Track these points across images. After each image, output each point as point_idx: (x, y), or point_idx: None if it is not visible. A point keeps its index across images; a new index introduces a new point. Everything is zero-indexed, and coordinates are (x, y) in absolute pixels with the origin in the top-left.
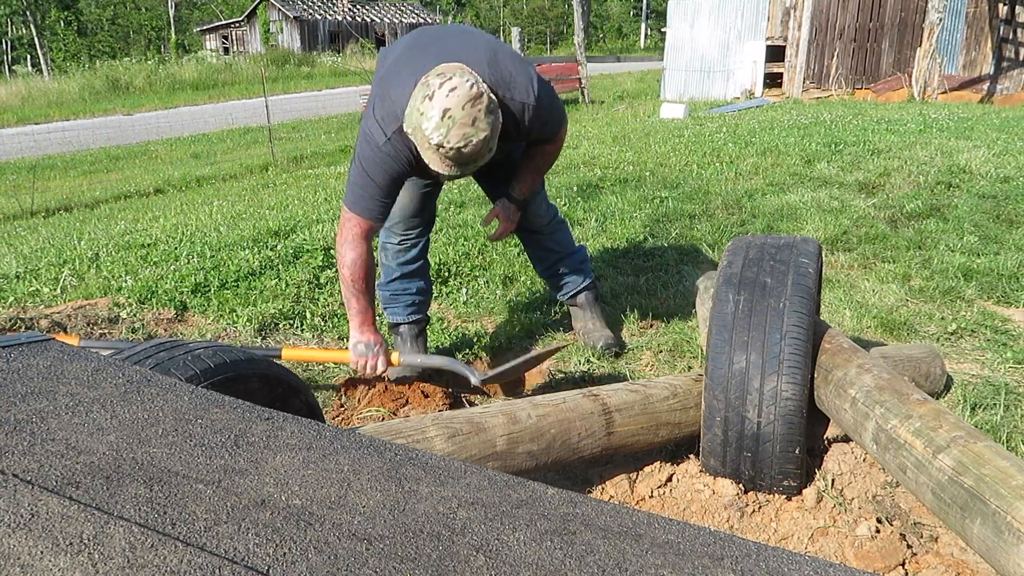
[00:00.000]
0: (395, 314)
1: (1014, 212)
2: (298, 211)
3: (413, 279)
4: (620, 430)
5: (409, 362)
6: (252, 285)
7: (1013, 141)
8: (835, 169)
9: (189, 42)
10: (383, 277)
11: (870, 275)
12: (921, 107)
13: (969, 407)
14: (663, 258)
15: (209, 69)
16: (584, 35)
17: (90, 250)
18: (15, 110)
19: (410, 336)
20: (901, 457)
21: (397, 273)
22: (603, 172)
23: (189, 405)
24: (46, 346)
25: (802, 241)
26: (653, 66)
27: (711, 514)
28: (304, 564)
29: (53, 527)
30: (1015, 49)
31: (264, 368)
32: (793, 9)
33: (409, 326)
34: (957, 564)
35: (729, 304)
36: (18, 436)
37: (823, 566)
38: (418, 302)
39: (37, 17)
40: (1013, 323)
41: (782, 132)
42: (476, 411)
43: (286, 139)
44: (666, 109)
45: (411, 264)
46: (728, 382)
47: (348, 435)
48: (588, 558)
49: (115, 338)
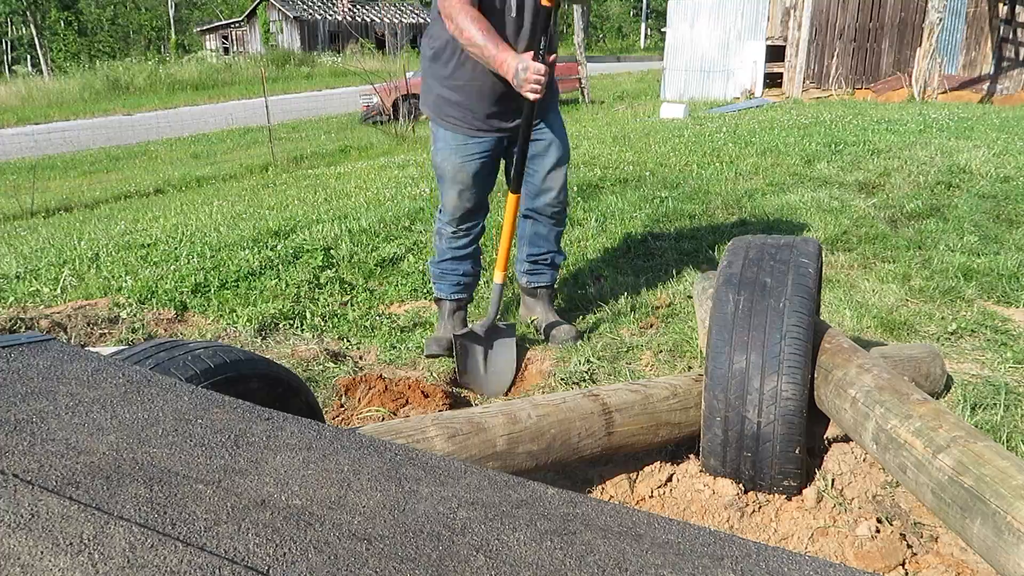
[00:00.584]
0: (440, 290)
1: (1014, 212)
2: (298, 211)
3: (462, 262)
4: (620, 430)
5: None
6: (252, 285)
7: (1013, 141)
8: (835, 169)
9: (189, 42)
10: (436, 256)
11: (870, 275)
12: (921, 107)
13: (969, 407)
14: (663, 258)
15: (209, 69)
16: (584, 35)
17: (90, 250)
18: (15, 110)
19: (449, 311)
20: (901, 457)
21: (448, 256)
22: (603, 172)
23: (189, 405)
24: (46, 346)
25: (802, 241)
26: (653, 66)
27: (711, 514)
28: (304, 564)
29: (53, 527)
30: (1015, 49)
31: (264, 368)
32: (793, 9)
33: (451, 302)
34: (957, 564)
35: (729, 304)
36: (18, 436)
37: (823, 566)
38: (464, 283)
39: (37, 17)
40: (1013, 323)
41: (782, 132)
42: (476, 411)
43: (286, 139)
44: (666, 109)
45: (462, 250)
46: (728, 382)
47: (348, 435)
48: (588, 558)
49: (115, 338)
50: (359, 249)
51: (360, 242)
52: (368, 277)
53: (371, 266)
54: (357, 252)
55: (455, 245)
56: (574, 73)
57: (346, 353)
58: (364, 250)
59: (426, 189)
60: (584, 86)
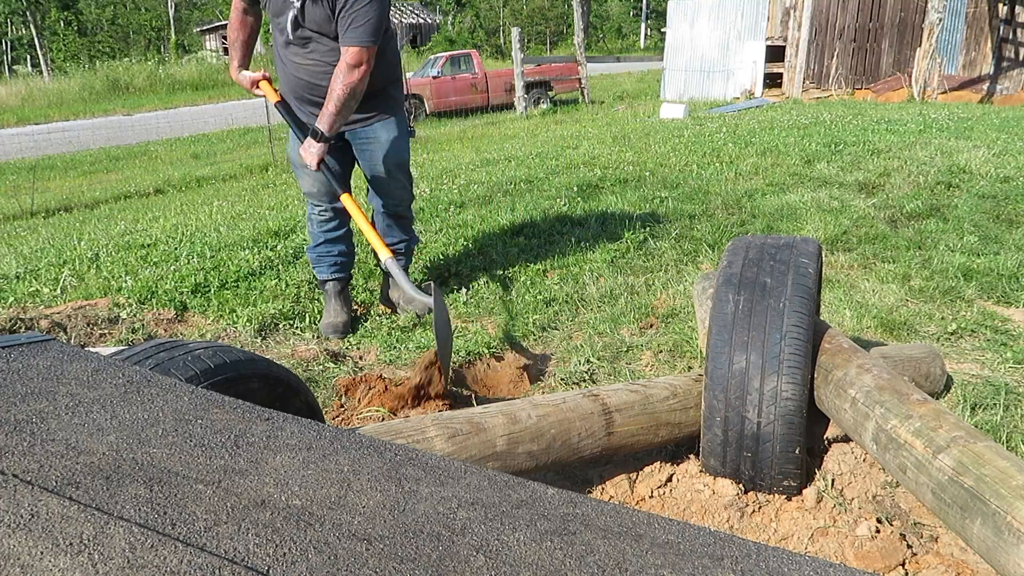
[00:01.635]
0: (321, 272)
1: (1014, 212)
2: (298, 211)
3: (336, 243)
4: (620, 430)
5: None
6: (252, 285)
7: (1013, 141)
8: (835, 169)
9: (189, 42)
10: (311, 241)
11: (870, 275)
12: (921, 107)
13: (969, 407)
14: (663, 258)
15: (209, 69)
16: (584, 35)
17: (90, 250)
18: (15, 110)
19: (333, 291)
20: (901, 457)
21: (322, 239)
22: (603, 172)
23: (189, 405)
24: (46, 346)
25: (802, 241)
26: (653, 66)
27: (711, 514)
28: (304, 564)
29: (53, 527)
30: (1015, 49)
31: (264, 368)
32: (793, 9)
33: (333, 283)
34: (957, 564)
35: (729, 304)
36: (18, 436)
37: (823, 566)
38: (340, 263)
39: (37, 17)
40: (1013, 323)
41: (782, 132)
42: (476, 411)
43: (286, 139)
44: (666, 109)
45: (334, 232)
46: (728, 382)
47: (348, 435)
48: (588, 558)
49: (115, 338)
50: (359, 249)
51: (360, 242)
52: (368, 277)
53: (371, 266)
54: (357, 252)
55: (326, 228)
56: (574, 73)
57: (346, 353)
58: (364, 250)
59: (426, 190)
60: (584, 86)
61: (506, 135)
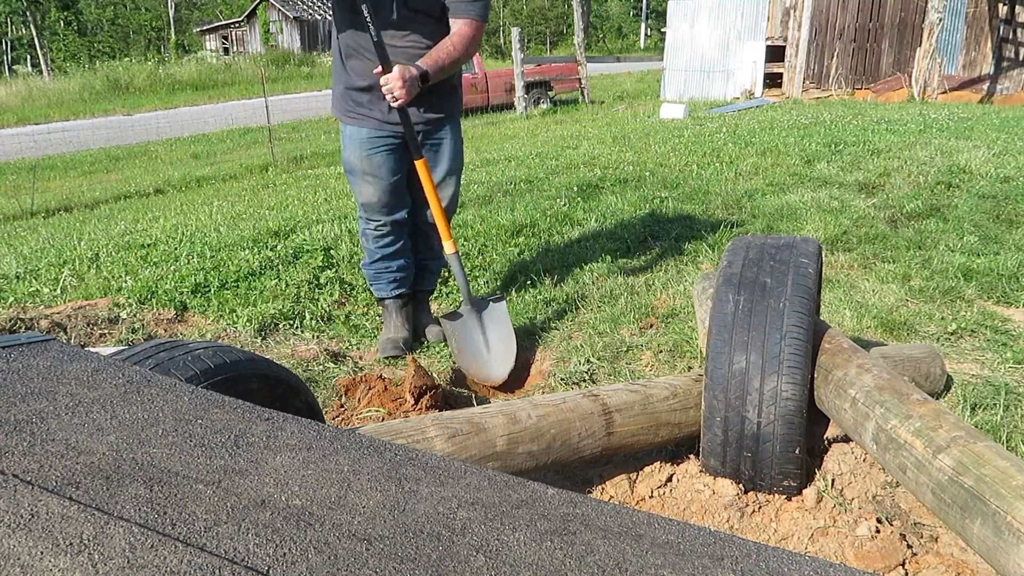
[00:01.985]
0: (380, 289)
1: (1014, 212)
2: (298, 211)
3: (393, 259)
4: (620, 430)
5: None
6: (252, 285)
7: (1013, 141)
8: (835, 169)
9: (189, 42)
10: (367, 258)
11: (870, 275)
12: (921, 107)
13: (969, 407)
14: (663, 258)
15: (209, 69)
16: (584, 35)
17: (90, 250)
18: (15, 110)
19: (395, 308)
20: (901, 457)
21: (378, 255)
22: (603, 172)
23: (189, 405)
24: (46, 346)
25: (802, 241)
26: (653, 66)
27: (711, 514)
28: (304, 564)
29: (53, 527)
30: (1015, 49)
31: (264, 368)
32: (793, 9)
33: (393, 300)
34: (957, 564)
35: (729, 304)
36: (18, 436)
37: (823, 566)
38: (399, 278)
39: (37, 17)
40: (1013, 323)
41: (782, 132)
42: (476, 411)
43: (286, 139)
44: (666, 109)
45: (390, 247)
46: (728, 382)
47: (348, 435)
48: (588, 558)
49: (115, 338)
50: (359, 249)
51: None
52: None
53: None
54: (357, 252)
55: (381, 244)
56: (574, 73)
57: (346, 353)
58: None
59: None
60: (584, 86)
61: (506, 135)
